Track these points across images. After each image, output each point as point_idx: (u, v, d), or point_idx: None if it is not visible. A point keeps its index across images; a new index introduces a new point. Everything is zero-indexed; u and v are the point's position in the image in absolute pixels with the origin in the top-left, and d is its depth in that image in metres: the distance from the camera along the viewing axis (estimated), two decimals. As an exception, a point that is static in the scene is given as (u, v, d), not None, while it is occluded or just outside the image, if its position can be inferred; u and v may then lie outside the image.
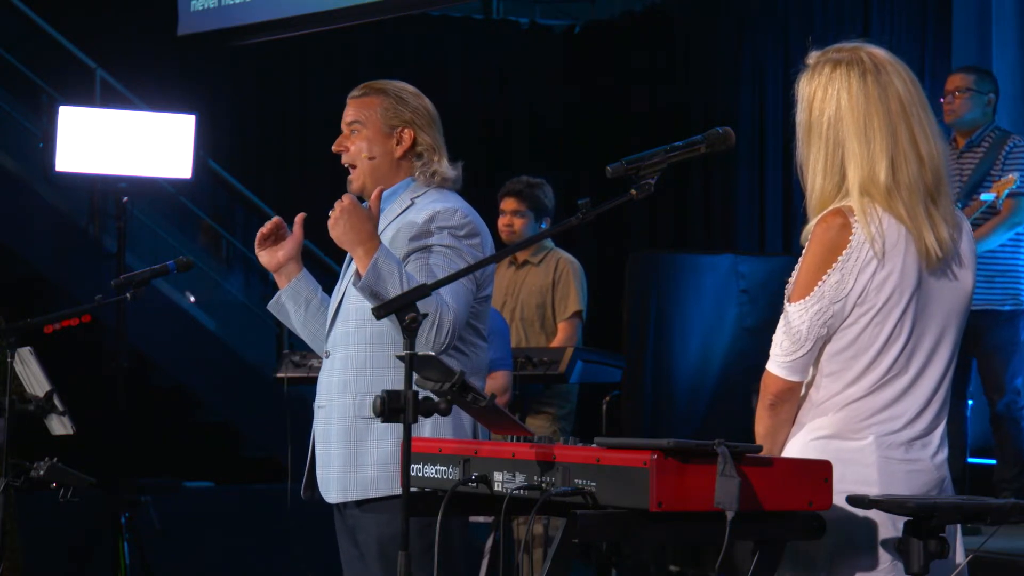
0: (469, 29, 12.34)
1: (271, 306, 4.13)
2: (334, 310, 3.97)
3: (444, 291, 3.68)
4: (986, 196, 6.44)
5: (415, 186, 3.98)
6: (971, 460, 6.91)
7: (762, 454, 2.87)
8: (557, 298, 6.72)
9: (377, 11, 9.47)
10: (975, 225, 6.47)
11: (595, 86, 11.97)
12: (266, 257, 4.06)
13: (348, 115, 4.02)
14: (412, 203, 3.94)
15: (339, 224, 3.72)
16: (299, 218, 4.05)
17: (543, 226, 6.72)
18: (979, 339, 6.47)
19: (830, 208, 3.03)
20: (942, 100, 6.75)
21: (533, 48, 12.35)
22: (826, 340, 3.02)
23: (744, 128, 10.07)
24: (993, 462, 6.79)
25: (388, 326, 3.78)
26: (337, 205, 3.73)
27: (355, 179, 4.00)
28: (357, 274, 3.71)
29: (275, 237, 4.06)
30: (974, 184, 6.59)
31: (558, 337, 6.67)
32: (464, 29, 12.30)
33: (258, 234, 4.05)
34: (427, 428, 3.75)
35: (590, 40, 12.28)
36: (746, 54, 10.60)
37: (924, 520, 2.90)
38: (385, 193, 3.97)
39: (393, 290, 3.62)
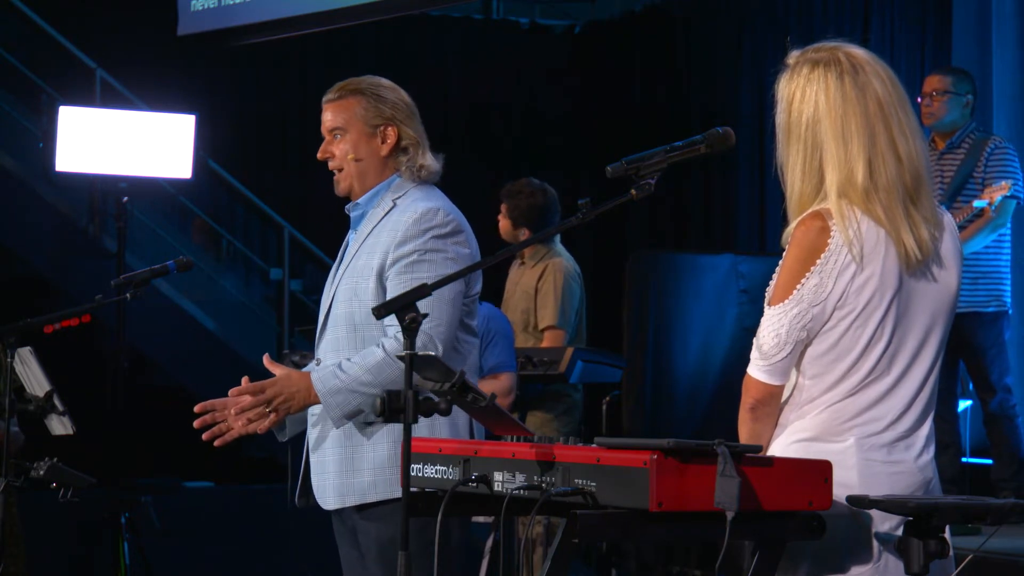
0: (469, 29, 12.33)
1: (287, 435, 4.03)
2: (323, 317, 3.94)
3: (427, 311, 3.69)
4: (979, 203, 6.44)
5: (397, 184, 3.94)
6: (970, 460, 6.92)
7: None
8: (537, 306, 6.58)
9: (377, 11, 9.47)
10: (960, 229, 6.47)
11: (595, 86, 11.97)
12: (261, 426, 3.87)
13: (327, 121, 3.98)
14: (394, 205, 3.90)
15: (288, 404, 3.79)
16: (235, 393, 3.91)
17: (522, 235, 6.58)
18: (965, 341, 6.48)
19: (809, 211, 3.02)
20: (920, 100, 6.74)
21: (533, 48, 12.35)
22: (807, 343, 3.00)
23: (744, 128, 10.06)
24: (990, 462, 6.81)
25: (378, 332, 3.78)
26: (268, 405, 3.78)
27: (342, 180, 3.97)
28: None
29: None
30: (956, 187, 6.59)
31: (544, 346, 6.51)
32: (464, 29, 12.30)
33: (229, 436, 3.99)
34: (423, 430, 3.73)
35: (590, 40, 12.28)
36: (746, 54, 10.60)
37: (924, 520, 2.90)
38: (366, 196, 3.95)
39: (352, 396, 3.72)
